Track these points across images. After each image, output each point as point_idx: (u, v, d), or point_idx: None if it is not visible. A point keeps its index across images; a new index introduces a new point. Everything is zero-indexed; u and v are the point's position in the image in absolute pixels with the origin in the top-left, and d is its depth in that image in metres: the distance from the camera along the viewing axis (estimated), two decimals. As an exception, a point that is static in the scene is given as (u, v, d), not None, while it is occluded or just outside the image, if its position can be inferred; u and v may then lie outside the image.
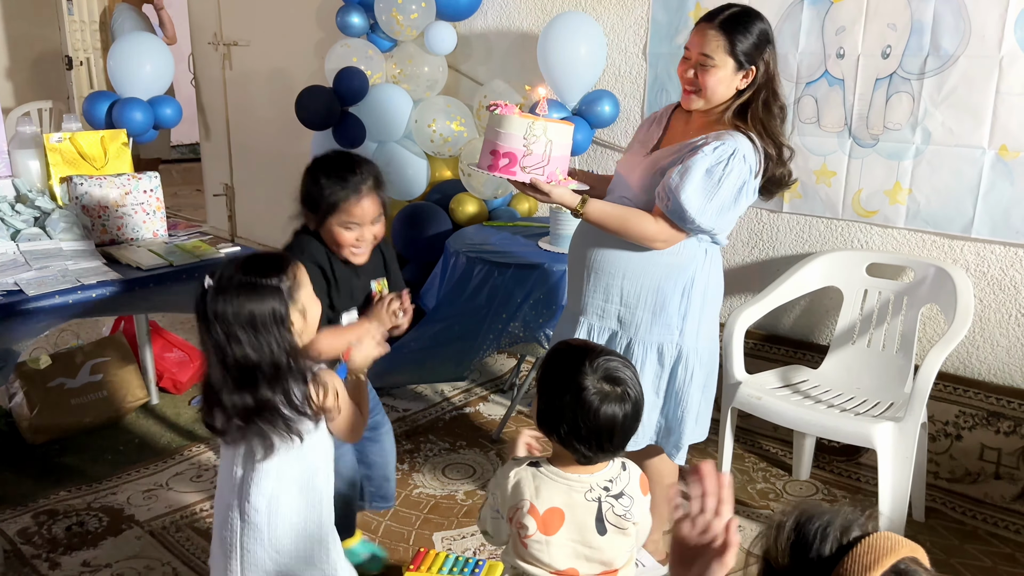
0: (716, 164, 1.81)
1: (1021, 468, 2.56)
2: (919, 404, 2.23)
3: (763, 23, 1.87)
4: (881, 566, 0.82)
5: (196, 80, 5.43)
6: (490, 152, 1.88)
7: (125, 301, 2.34)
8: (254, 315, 1.43)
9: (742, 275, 3.08)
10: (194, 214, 5.99)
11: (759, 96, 1.87)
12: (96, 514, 2.54)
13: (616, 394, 1.41)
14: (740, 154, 1.82)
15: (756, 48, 1.84)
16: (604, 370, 1.42)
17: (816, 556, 0.85)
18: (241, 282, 1.45)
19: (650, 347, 2.00)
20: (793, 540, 0.87)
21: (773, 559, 0.89)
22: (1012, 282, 2.53)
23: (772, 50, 1.87)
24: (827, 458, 2.86)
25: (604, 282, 2.00)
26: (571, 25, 3.08)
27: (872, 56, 2.64)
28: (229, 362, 1.44)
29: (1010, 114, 2.43)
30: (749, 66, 1.85)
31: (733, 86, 1.86)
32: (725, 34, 1.83)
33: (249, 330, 1.43)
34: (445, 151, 3.55)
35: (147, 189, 2.68)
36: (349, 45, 3.60)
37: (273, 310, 1.45)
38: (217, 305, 1.43)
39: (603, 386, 1.41)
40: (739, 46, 1.82)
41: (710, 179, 1.81)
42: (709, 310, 2.04)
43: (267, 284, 1.46)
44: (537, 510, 1.45)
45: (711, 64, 1.83)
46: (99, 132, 2.83)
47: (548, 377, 1.47)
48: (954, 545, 2.44)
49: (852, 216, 2.77)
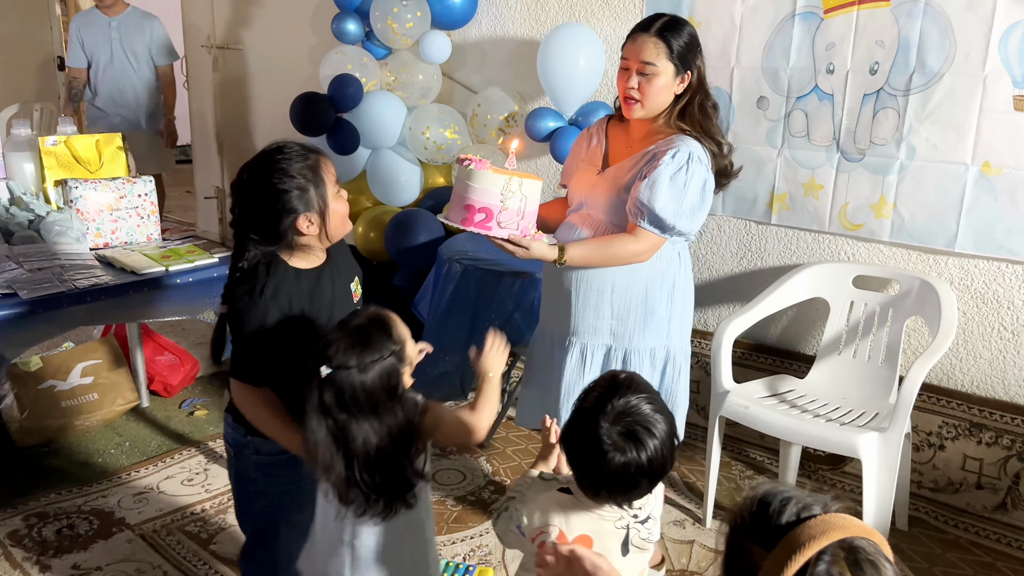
0: (678, 170, 1.90)
1: (1003, 478, 2.61)
2: (903, 415, 2.27)
3: (692, 28, 1.97)
4: (828, 537, 0.86)
5: (188, 82, 5.43)
6: (464, 206, 1.88)
7: (119, 306, 2.34)
8: (379, 397, 1.41)
9: (731, 285, 3.12)
10: (184, 216, 5.99)
11: (695, 99, 1.96)
12: (87, 517, 2.55)
13: (633, 448, 1.31)
14: (695, 156, 1.92)
15: (690, 52, 1.94)
16: (624, 421, 1.32)
17: (773, 523, 0.90)
18: (361, 365, 1.39)
19: (644, 354, 2.08)
20: (756, 507, 0.93)
21: (736, 518, 0.95)
22: (995, 296, 2.58)
23: (702, 54, 1.98)
24: (813, 467, 2.90)
25: (593, 300, 2.05)
26: (570, 36, 3.11)
27: (860, 72, 2.68)
28: (358, 448, 1.41)
29: (993, 131, 2.48)
30: (685, 71, 1.94)
31: (672, 92, 1.96)
32: (664, 40, 1.91)
33: (375, 411, 1.41)
34: (438, 158, 3.57)
35: (142, 193, 2.69)
36: (344, 52, 3.62)
37: (393, 386, 1.42)
38: (337, 397, 1.39)
39: (617, 438, 1.31)
40: (676, 51, 1.91)
41: (676, 185, 1.89)
42: (688, 308, 2.16)
43: (382, 359, 1.41)
44: (566, 537, 1.41)
45: (653, 71, 1.91)
46: (94, 136, 2.85)
47: (574, 430, 1.37)
48: (936, 554, 2.48)
49: (839, 229, 2.82)
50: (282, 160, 1.59)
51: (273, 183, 1.58)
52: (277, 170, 1.58)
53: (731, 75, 2.96)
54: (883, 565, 0.87)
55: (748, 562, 0.92)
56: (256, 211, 1.61)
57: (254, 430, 1.69)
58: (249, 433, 1.70)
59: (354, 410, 1.40)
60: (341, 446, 1.42)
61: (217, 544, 2.44)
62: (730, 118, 2.98)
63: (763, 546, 0.90)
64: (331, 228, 1.64)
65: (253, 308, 1.58)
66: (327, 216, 1.63)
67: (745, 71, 2.93)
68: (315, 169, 1.61)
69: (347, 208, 1.69)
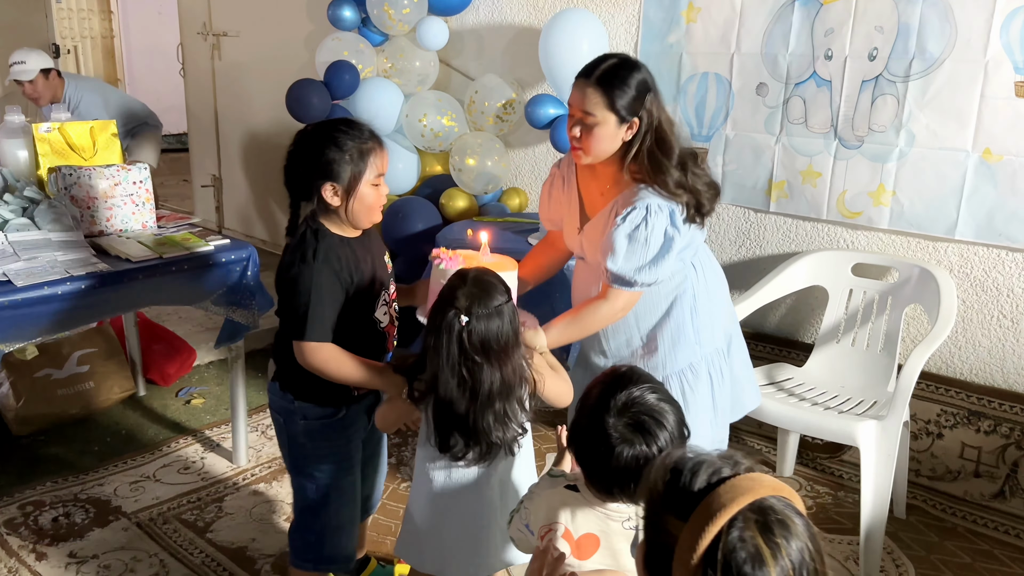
0: (634, 230, 1.81)
1: (1000, 467, 2.60)
2: (902, 403, 2.26)
3: (640, 73, 1.83)
4: (738, 503, 0.88)
5: (184, 70, 5.40)
6: None
7: (113, 296, 2.31)
8: (508, 340, 1.54)
9: (729, 274, 3.06)
10: (181, 204, 5.97)
11: (644, 146, 1.83)
12: (83, 505, 2.54)
13: (637, 439, 1.29)
14: (653, 210, 1.81)
15: (636, 100, 1.81)
16: (629, 413, 1.30)
17: (686, 491, 0.92)
18: (491, 313, 1.53)
19: (686, 372, 2.00)
20: (669, 477, 0.94)
21: (651, 491, 0.96)
22: (994, 284, 2.57)
23: (654, 97, 1.84)
24: (811, 455, 2.90)
25: (622, 330, 2.00)
26: (574, 21, 3.07)
27: (859, 58, 2.66)
28: (483, 389, 1.53)
29: (994, 117, 2.46)
30: (631, 118, 1.81)
31: (618, 139, 1.83)
32: (603, 90, 1.80)
33: (503, 355, 1.53)
34: (436, 146, 3.55)
35: (136, 180, 2.67)
36: (340, 38, 3.59)
37: (515, 329, 1.56)
38: (475, 339, 1.51)
39: (624, 430, 1.29)
40: (618, 101, 1.79)
41: (635, 242, 1.82)
42: (716, 307, 2.06)
43: (509, 306, 1.56)
44: (572, 535, 1.40)
45: (593, 121, 1.81)
46: (88, 123, 2.82)
47: (581, 423, 1.36)
48: (934, 542, 2.48)
49: (837, 217, 2.80)
50: (341, 131, 1.69)
51: (320, 144, 1.68)
52: (331, 137, 1.68)
53: (731, 61, 2.94)
54: (793, 521, 0.89)
55: (666, 534, 0.93)
56: (299, 164, 1.71)
57: (303, 395, 1.80)
58: (297, 399, 1.81)
59: (488, 354, 1.52)
60: (467, 390, 1.53)
61: (214, 532, 2.44)
62: (730, 105, 2.97)
63: (679, 517, 0.91)
64: (353, 209, 1.71)
65: (308, 270, 1.67)
66: (352, 196, 1.70)
67: (745, 57, 2.91)
68: (364, 153, 1.70)
69: (380, 201, 1.75)
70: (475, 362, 1.52)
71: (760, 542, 0.86)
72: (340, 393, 1.82)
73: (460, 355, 1.52)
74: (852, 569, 2.34)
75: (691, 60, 3.05)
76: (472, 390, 1.54)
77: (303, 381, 1.79)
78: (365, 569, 2.23)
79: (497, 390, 1.54)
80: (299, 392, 1.81)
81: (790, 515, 0.89)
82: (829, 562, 2.37)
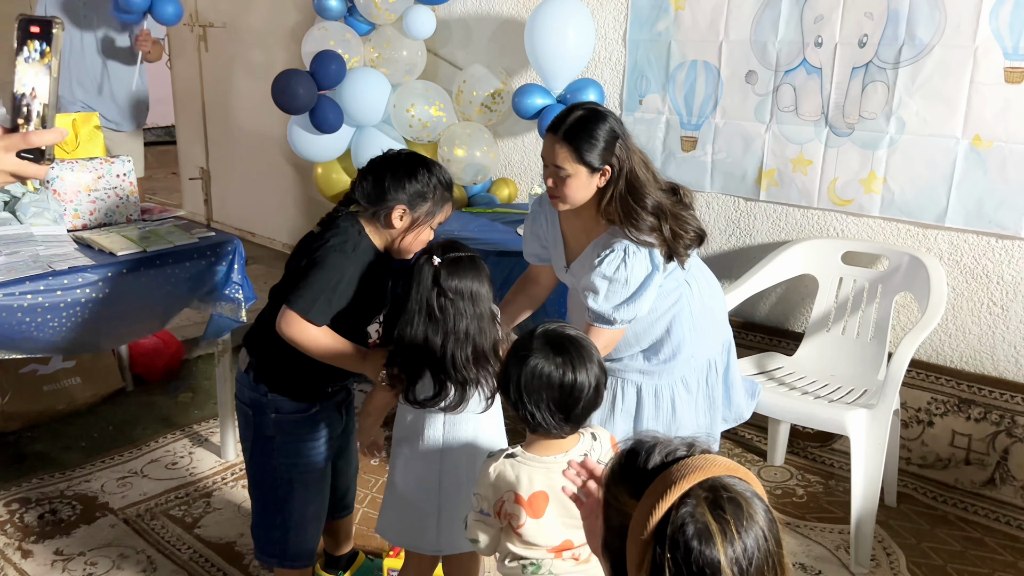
0: (614, 271, 1.84)
1: (991, 454, 2.60)
2: (892, 391, 2.25)
3: (607, 122, 1.83)
4: (690, 480, 0.88)
5: (171, 61, 5.35)
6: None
7: (98, 296, 2.27)
8: (480, 287, 1.64)
9: (719, 263, 3.09)
10: (169, 197, 5.93)
11: (616, 192, 1.84)
12: (69, 502, 2.52)
13: (563, 361, 1.45)
14: (630, 252, 1.84)
15: (605, 150, 1.82)
16: (548, 341, 1.47)
17: (641, 468, 0.94)
18: (462, 258, 1.64)
19: (677, 384, 2.02)
20: (625, 459, 0.97)
21: (611, 468, 0.99)
22: (984, 271, 2.56)
23: (624, 143, 1.85)
24: (801, 444, 2.89)
25: (623, 350, 2.01)
26: (560, 10, 3.04)
27: (849, 45, 2.64)
28: (460, 329, 1.61)
29: (984, 104, 2.44)
30: (602, 166, 1.83)
31: (592, 187, 1.85)
32: (570, 144, 1.82)
33: (475, 299, 1.63)
34: (424, 136, 3.52)
35: (120, 173, 2.64)
36: (326, 28, 3.56)
37: (487, 282, 1.66)
38: (447, 278, 1.61)
39: (551, 355, 1.45)
40: (587, 154, 1.81)
41: (614, 283, 1.84)
42: (713, 320, 2.07)
43: (479, 260, 1.66)
44: (522, 497, 1.48)
45: (564, 174, 1.84)
46: (71, 114, 2.79)
47: (507, 363, 1.51)
48: (925, 530, 2.48)
49: (828, 205, 2.79)
50: (436, 169, 1.78)
51: (416, 171, 1.74)
52: (430, 169, 1.76)
53: (720, 49, 2.92)
54: (748, 502, 0.88)
55: (620, 514, 0.94)
56: (386, 174, 1.74)
57: (277, 387, 1.79)
58: (272, 391, 1.79)
59: (461, 295, 1.61)
60: (440, 328, 1.61)
61: (202, 528, 2.42)
62: (719, 93, 2.94)
63: (632, 496, 0.92)
64: (406, 240, 1.77)
65: (342, 257, 1.69)
66: (414, 229, 1.76)
67: (734, 45, 2.89)
68: (442, 199, 1.78)
69: (426, 242, 1.81)
70: (448, 298, 1.60)
71: (709, 518, 0.85)
72: (315, 389, 1.81)
73: (433, 289, 1.60)
74: (843, 558, 2.34)
75: (680, 48, 3.02)
76: (445, 328, 1.61)
77: (279, 373, 1.77)
78: (353, 564, 2.22)
79: (475, 330, 1.62)
80: (274, 384, 1.80)
81: (747, 496, 0.88)
82: (820, 551, 2.37)
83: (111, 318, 2.33)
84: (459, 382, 1.63)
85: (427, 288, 1.61)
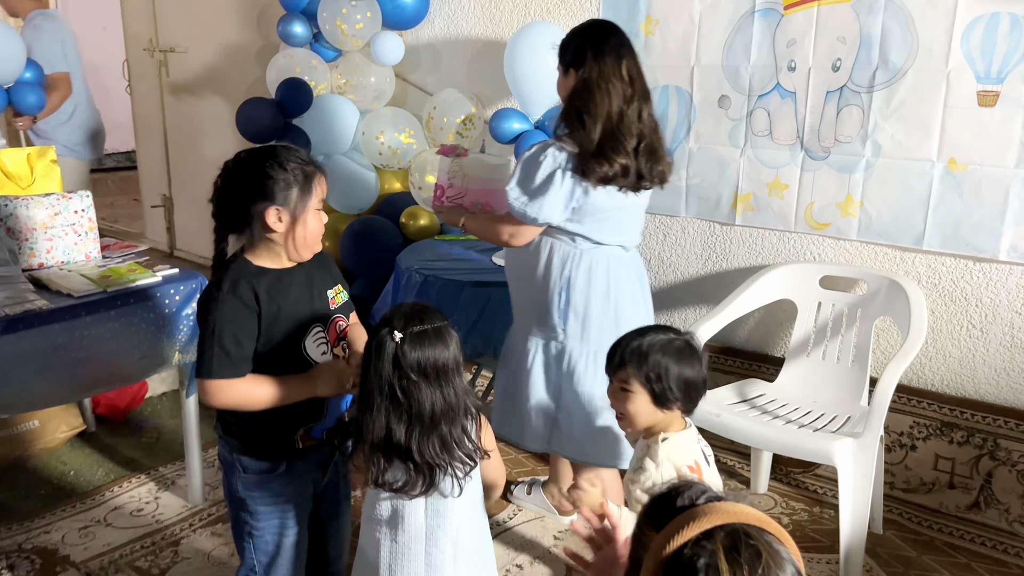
0: (528, 158, 2.11)
1: (975, 477, 2.58)
2: (878, 420, 2.22)
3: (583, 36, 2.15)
4: (712, 520, 0.86)
5: (131, 87, 5.23)
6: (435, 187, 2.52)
7: (53, 342, 2.16)
8: (446, 363, 1.47)
9: (696, 288, 3.06)
10: (131, 225, 5.78)
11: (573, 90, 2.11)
12: (28, 556, 2.39)
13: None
14: (551, 152, 2.08)
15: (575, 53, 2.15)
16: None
17: (670, 505, 0.93)
18: (427, 332, 1.46)
19: (537, 341, 2.25)
20: (664, 494, 0.97)
21: (647, 504, 0.99)
22: (963, 294, 2.55)
23: (599, 59, 2.12)
24: (785, 470, 2.86)
25: (514, 294, 2.30)
26: (539, 36, 3.00)
27: (823, 69, 2.64)
28: (424, 411, 1.46)
29: (958, 127, 2.44)
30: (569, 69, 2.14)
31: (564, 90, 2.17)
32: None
33: (443, 378, 1.47)
34: (394, 163, 3.46)
35: (78, 209, 2.53)
36: (292, 55, 3.49)
37: (455, 356, 1.49)
38: (409, 357, 1.44)
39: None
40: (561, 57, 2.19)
41: (526, 172, 2.09)
42: (599, 309, 2.18)
43: (448, 330, 1.49)
44: (696, 468, 1.66)
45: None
46: (26, 149, 2.68)
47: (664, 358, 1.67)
48: (912, 557, 2.45)
49: (805, 229, 2.77)
50: (283, 154, 1.60)
51: (264, 167, 1.58)
52: (273, 158, 1.59)
53: (691, 74, 2.89)
54: (774, 557, 0.83)
55: (642, 546, 0.93)
56: (236, 189, 1.59)
57: (241, 448, 1.69)
58: (235, 451, 1.70)
59: (425, 375, 1.45)
60: (404, 413, 1.45)
61: (169, 579, 2.31)
62: (692, 118, 2.92)
63: (655, 529, 0.91)
64: (298, 236, 1.62)
65: (213, 303, 1.57)
66: (298, 223, 1.60)
67: (705, 70, 2.87)
68: (309, 176, 1.61)
69: (321, 229, 1.66)
70: (411, 380, 1.44)
71: (722, 560, 0.82)
72: (280, 446, 1.68)
73: (394, 373, 1.44)
74: (832, 590, 2.30)
75: (651, 73, 2.96)
76: (410, 412, 1.45)
77: (239, 429, 1.67)
78: None
79: (441, 411, 1.46)
80: (236, 440, 1.69)
81: (772, 550, 0.83)
82: (809, 584, 2.33)
83: (73, 365, 2.21)
84: (425, 470, 1.49)
85: (387, 370, 1.45)
